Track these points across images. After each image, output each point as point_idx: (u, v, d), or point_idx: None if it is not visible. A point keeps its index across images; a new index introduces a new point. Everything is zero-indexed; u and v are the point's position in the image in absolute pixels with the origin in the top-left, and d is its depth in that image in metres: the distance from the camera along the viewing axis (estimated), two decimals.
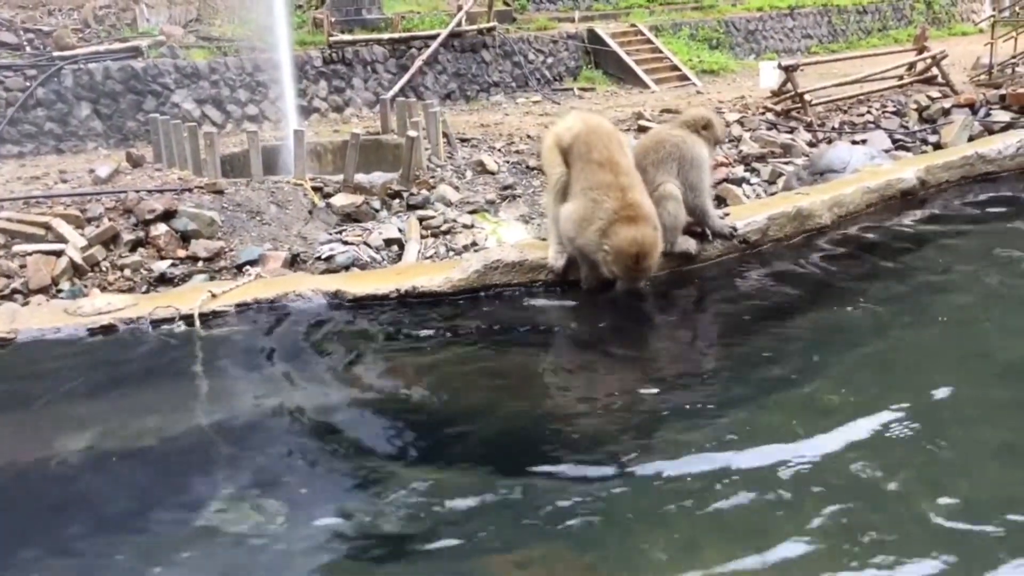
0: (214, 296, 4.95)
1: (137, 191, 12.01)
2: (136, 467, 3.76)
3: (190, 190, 12.17)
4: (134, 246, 11.10)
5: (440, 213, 12.54)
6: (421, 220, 12.29)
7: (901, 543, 3.08)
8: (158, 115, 14.78)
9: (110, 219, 11.29)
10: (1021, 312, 5.20)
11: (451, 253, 11.37)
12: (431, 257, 11.28)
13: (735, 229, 5.86)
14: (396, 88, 19.18)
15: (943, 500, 3.32)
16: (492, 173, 14.32)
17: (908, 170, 7.24)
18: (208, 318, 4.86)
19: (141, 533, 3.34)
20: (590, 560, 3.11)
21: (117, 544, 3.27)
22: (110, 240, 11.03)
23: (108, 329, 4.72)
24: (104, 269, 10.80)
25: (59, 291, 10.17)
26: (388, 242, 11.65)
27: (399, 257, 11.36)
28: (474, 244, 11.60)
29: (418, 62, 19.99)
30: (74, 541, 3.30)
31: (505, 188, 13.65)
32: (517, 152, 15.19)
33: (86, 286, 10.30)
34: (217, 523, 3.33)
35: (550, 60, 22.48)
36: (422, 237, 11.94)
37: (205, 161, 13.39)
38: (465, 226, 12.30)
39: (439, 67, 20.65)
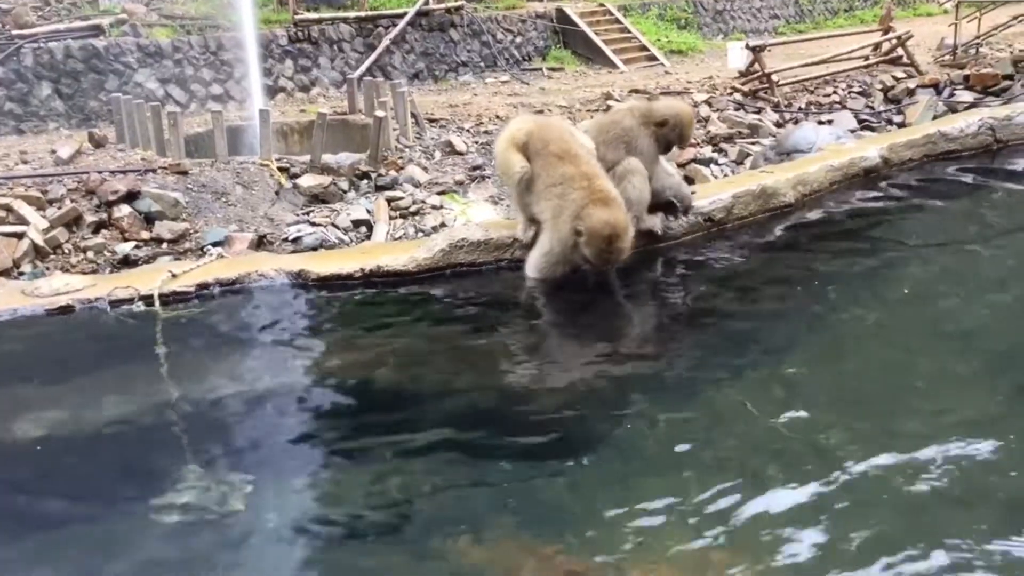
0: (174, 276, 4.89)
1: (100, 172, 11.81)
2: (95, 449, 3.72)
3: (154, 171, 11.99)
4: (97, 228, 10.94)
5: (409, 194, 12.47)
6: (389, 201, 12.21)
7: (866, 520, 3.12)
8: (120, 95, 14.52)
9: (72, 200, 11.11)
10: (980, 287, 5.27)
11: (420, 234, 11.31)
12: (400, 238, 11.21)
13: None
14: (363, 67, 19.01)
15: (900, 471, 3.37)
16: (461, 154, 14.25)
17: (871, 148, 7.29)
18: (169, 298, 4.80)
19: (102, 516, 3.31)
20: (554, 539, 3.11)
21: (78, 527, 3.24)
22: (72, 222, 10.86)
23: (66, 310, 4.65)
24: (66, 251, 10.65)
25: (21, 274, 10.01)
26: (356, 223, 11.57)
27: (368, 238, 11.29)
28: (443, 225, 11.54)
29: (385, 41, 19.81)
30: (34, 524, 3.26)
31: (474, 169, 13.59)
32: (486, 133, 15.12)
33: (48, 268, 10.15)
34: (180, 504, 3.30)
35: (519, 40, 22.37)
36: (391, 218, 11.86)
37: (169, 142, 13.20)
38: (434, 207, 12.25)
39: (407, 46, 20.47)
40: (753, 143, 14.46)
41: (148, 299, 4.74)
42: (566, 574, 2.98)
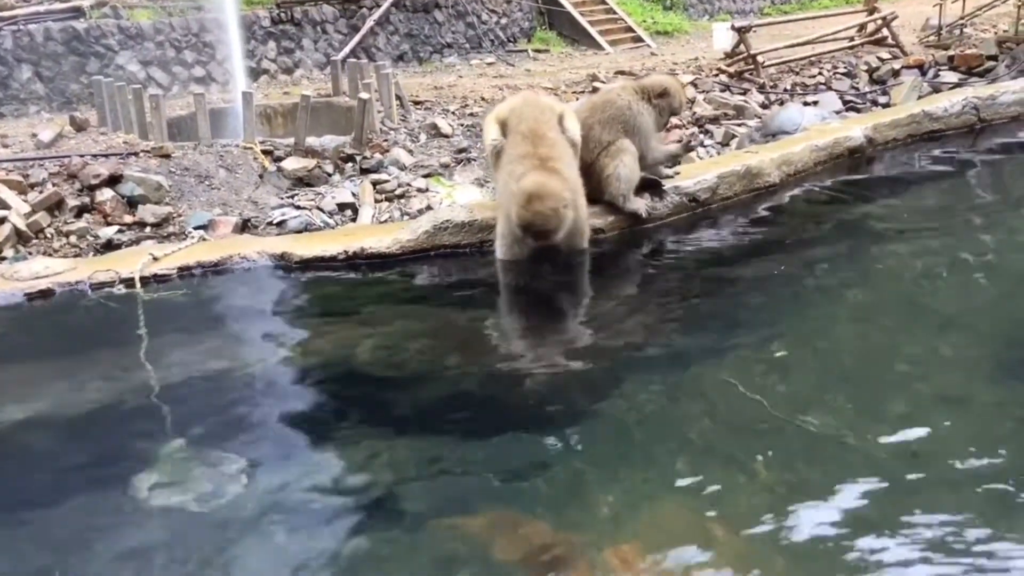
0: (156, 259, 4.86)
1: (81, 156, 11.69)
2: (76, 432, 3.70)
3: (136, 154, 11.87)
4: (79, 212, 10.83)
5: (394, 177, 12.39)
6: (375, 184, 12.12)
7: (850, 498, 3.13)
8: (102, 77, 14.35)
9: (54, 184, 10.98)
10: (963, 266, 5.30)
11: (405, 217, 11.23)
12: (385, 221, 11.15)
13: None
14: (347, 49, 18.85)
15: (883, 448, 3.39)
16: (446, 136, 14.16)
17: (856, 128, 7.31)
18: (150, 281, 4.77)
19: (85, 498, 3.30)
20: (540, 518, 3.12)
21: (61, 510, 3.22)
22: (54, 206, 10.75)
23: (46, 294, 4.61)
24: (49, 236, 10.53)
25: (2, 258, 9.91)
26: (341, 207, 11.48)
27: (353, 222, 11.22)
28: (429, 208, 11.46)
29: (369, 22, 19.64)
30: (16, 508, 3.24)
31: (460, 151, 13.51)
32: (471, 115, 15.02)
33: (31, 253, 10.04)
34: (163, 487, 3.29)
35: (504, 21, 22.23)
36: (376, 201, 11.78)
37: (151, 124, 13.06)
38: (419, 190, 12.17)
39: (391, 28, 20.31)
40: (739, 124, 14.43)
41: (129, 282, 4.71)
42: (554, 546, 2.99)
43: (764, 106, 15.71)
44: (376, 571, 2.95)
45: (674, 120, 13.60)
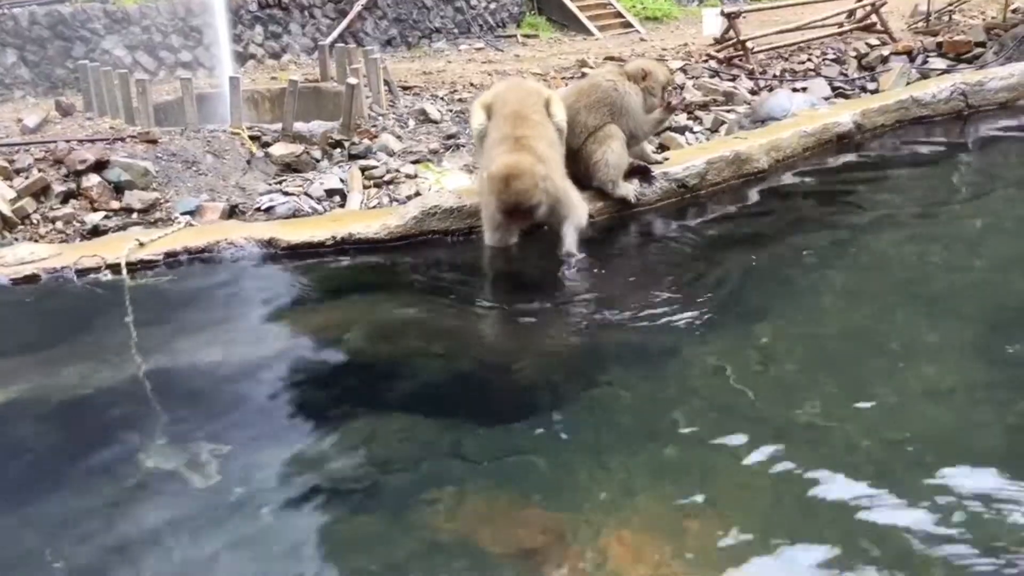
0: (142, 245, 4.83)
1: (67, 141, 11.60)
2: (64, 418, 3.68)
3: (123, 140, 11.78)
4: (66, 198, 10.75)
5: (383, 163, 12.34)
6: (363, 170, 12.07)
7: (838, 483, 3.14)
8: (88, 62, 14.23)
9: (40, 170, 10.90)
10: (951, 251, 5.32)
11: (394, 204, 11.18)
12: (374, 207, 11.12)
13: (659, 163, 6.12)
14: (335, 34, 18.75)
15: (867, 435, 3.41)
16: (435, 122, 14.10)
17: (844, 114, 7.32)
18: (136, 267, 4.74)
19: (72, 484, 3.28)
20: (527, 503, 3.12)
21: (43, 498, 3.21)
22: (40, 192, 10.67)
23: (31, 279, 4.58)
24: (35, 222, 10.47)
25: None
26: (330, 193, 11.43)
27: (341, 208, 11.17)
28: (417, 194, 11.42)
29: (357, 7, 19.52)
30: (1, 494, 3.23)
31: (449, 137, 13.46)
32: (460, 101, 14.96)
33: (16, 239, 9.98)
34: (152, 473, 3.29)
35: (493, 6, 22.14)
36: (365, 188, 11.74)
37: (138, 110, 12.97)
38: (408, 176, 12.12)
39: (379, 12, 20.20)
40: (728, 111, 14.41)
41: (115, 268, 4.68)
42: (541, 532, 3.00)
43: (753, 92, 15.68)
44: (364, 556, 2.95)
45: None
